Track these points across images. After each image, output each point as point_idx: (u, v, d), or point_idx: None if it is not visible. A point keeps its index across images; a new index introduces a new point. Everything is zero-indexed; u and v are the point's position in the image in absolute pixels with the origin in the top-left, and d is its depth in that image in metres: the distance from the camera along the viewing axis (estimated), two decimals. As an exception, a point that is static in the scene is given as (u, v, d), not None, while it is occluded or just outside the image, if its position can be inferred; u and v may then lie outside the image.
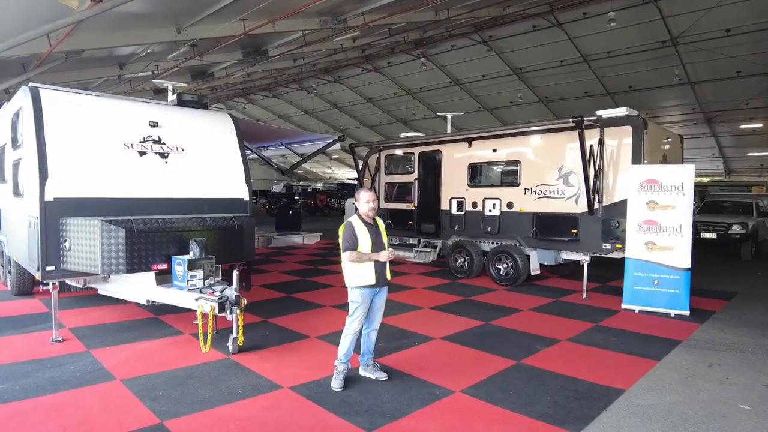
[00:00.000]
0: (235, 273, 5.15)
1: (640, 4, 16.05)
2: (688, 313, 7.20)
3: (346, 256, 4.47)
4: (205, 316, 4.86)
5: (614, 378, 4.79)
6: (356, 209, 4.64)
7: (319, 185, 48.26)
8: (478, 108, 26.53)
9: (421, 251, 11.34)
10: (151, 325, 6.45)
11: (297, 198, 38.57)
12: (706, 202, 16.09)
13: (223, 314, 4.78)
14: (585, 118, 7.89)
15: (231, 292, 5.04)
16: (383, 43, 20.84)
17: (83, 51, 12.12)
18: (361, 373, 4.66)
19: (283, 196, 39.67)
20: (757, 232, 13.81)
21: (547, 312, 7.50)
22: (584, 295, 8.42)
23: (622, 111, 8.22)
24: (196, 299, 4.90)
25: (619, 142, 8.14)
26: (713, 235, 13.55)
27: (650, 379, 4.78)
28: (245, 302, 5.12)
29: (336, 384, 4.45)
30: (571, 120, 7.79)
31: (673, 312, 7.27)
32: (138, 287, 5.72)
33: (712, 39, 16.96)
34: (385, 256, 4.47)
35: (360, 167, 12.35)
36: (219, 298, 4.79)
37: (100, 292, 6.33)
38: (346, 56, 23.05)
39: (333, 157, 49.54)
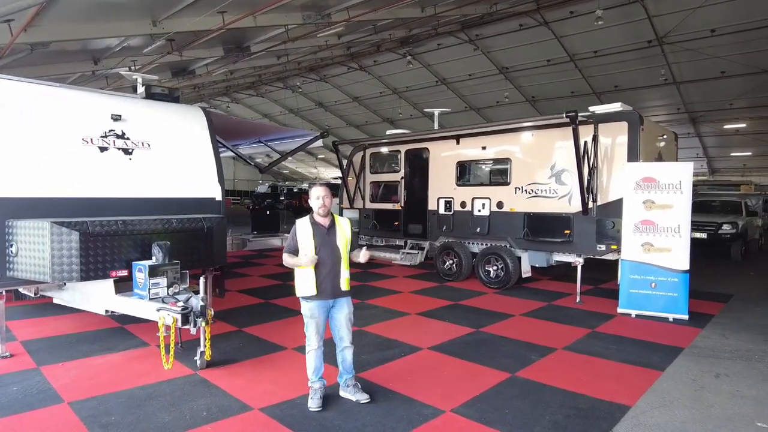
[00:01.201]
0: (201, 280, 4.65)
1: (626, 3, 15.87)
2: (686, 317, 6.87)
3: (284, 258, 4.07)
4: (167, 328, 4.36)
5: (617, 392, 4.39)
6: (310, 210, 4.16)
7: (305, 185, 47.77)
8: (464, 108, 26.26)
9: (407, 253, 10.91)
10: (113, 336, 5.92)
11: (282, 198, 37.99)
12: (695, 201, 15.89)
13: (187, 326, 4.27)
14: (579, 114, 7.52)
15: (197, 301, 4.55)
16: (369, 40, 20.43)
17: (50, 43, 11.47)
18: (341, 394, 4.19)
19: (267, 197, 39.09)
20: (746, 232, 13.65)
21: (540, 317, 7.12)
22: (578, 299, 8.06)
23: (616, 106, 7.89)
24: (158, 309, 4.40)
25: (614, 138, 7.80)
26: (703, 235, 13.33)
27: (656, 392, 4.39)
28: (212, 313, 4.63)
29: (313, 404, 3.98)
30: (564, 115, 7.42)
31: (671, 316, 6.93)
32: (95, 296, 5.19)
33: (698, 39, 16.87)
34: (305, 260, 3.90)
35: (344, 166, 11.88)
36: (182, 309, 4.30)
37: (55, 301, 5.77)
38: (332, 54, 22.59)
39: (319, 156, 49.00)
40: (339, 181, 12.30)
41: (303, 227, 4.03)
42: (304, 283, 3.99)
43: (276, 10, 13.95)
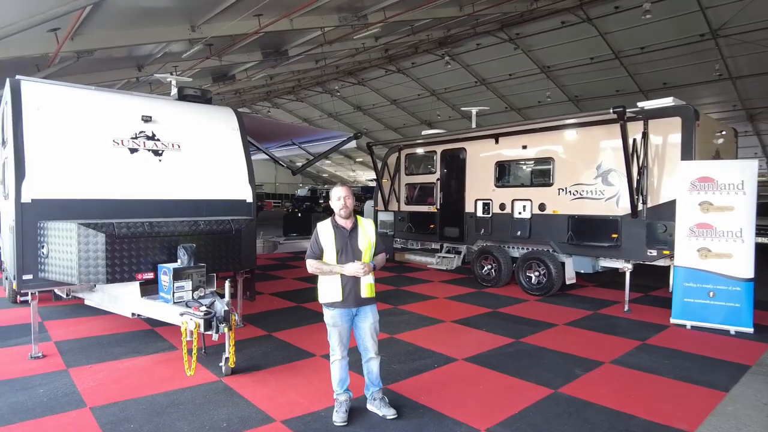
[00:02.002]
0: (227, 284, 4.51)
1: (676, -5, 15.01)
2: (751, 330, 6.25)
3: (308, 265, 3.83)
4: (190, 333, 4.22)
5: (675, 415, 3.94)
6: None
7: (342, 189, 47.91)
8: (505, 108, 25.66)
9: (443, 257, 10.56)
10: (144, 339, 5.88)
11: (321, 201, 38.39)
12: (759, 203, 14.81)
13: (209, 332, 4.12)
14: (628, 110, 7.02)
15: (221, 306, 4.40)
16: (406, 42, 20.20)
17: (95, 50, 11.78)
18: (368, 407, 3.93)
19: (306, 200, 39.66)
20: (815, 237, 12.58)
21: (586, 327, 6.65)
22: (626, 307, 7.52)
23: (668, 101, 7.33)
24: (181, 314, 4.27)
25: (666, 135, 7.24)
26: (766, 240, 12.35)
27: (721, 418, 3.92)
28: (237, 318, 4.47)
29: (338, 418, 3.74)
30: (612, 111, 6.94)
31: (732, 329, 6.33)
32: (122, 299, 5.14)
33: (755, 31, 15.77)
34: (351, 269, 3.67)
35: (379, 168, 11.66)
36: (205, 314, 4.15)
37: (86, 302, 5.78)
38: (369, 57, 22.52)
39: (357, 160, 49.17)
40: (373, 183, 12.08)
41: (324, 230, 3.80)
42: (330, 289, 3.76)
43: (312, 12, 13.91)
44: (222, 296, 4.53)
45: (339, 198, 3.78)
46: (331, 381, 3.90)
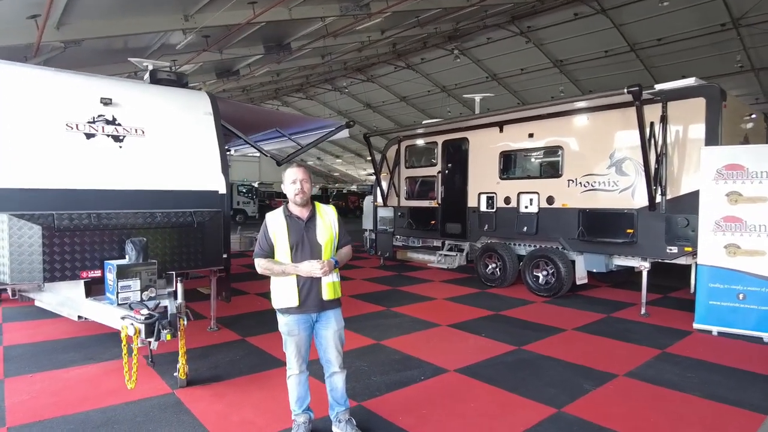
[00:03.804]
0: (178, 283, 3.92)
1: (696, -17, 14.17)
2: (788, 337, 5.51)
3: (256, 265, 3.17)
4: (129, 339, 3.63)
5: (703, 443, 3.26)
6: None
7: (353, 187, 47.84)
8: (517, 104, 24.85)
9: (445, 255, 9.90)
10: (105, 343, 5.31)
11: (330, 201, 38.07)
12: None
13: (150, 339, 3.52)
14: (645, 91, 6.31)
15: (171, 307, 3.81)
16: (414, 36, 19.59)
17: (82, 40, 11.33)
18: (334, 430, 3.30)
19: (316, 198, 39.34)
20: None
21: (597, 332, 5.94)
22: (643, 310, 6.80)
23: (690, 81, 6.59)
24: (122, 318, 3.68)
25: (688, 118, 6.50)
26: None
27: (761, 447, 3.22)
28: (185, 323, 3.86)
29: (294, 444, 3.12)
30: (626, 91, 6.23)
31: (766, 336, 5.58)
32: (69, 300, 4.57)
33: (781, 19, 14.83)
34: (306, 269, 3.04)
35: (378, 161, 11.04)
36: (146, 318, 3.55)
37: (36, 304, 5.23)
38: (377, 52, 21.95)
39: (368, 158, 48.68)
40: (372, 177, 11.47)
41: (275, 221, 3.17)
42: (283, 291, 3.13)
43: (311, 2, 13.37)
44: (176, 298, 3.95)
45: (294, 181, 3.14)
46: (289, 399, 3.29)
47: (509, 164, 8.79)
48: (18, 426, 3.43)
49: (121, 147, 5.25)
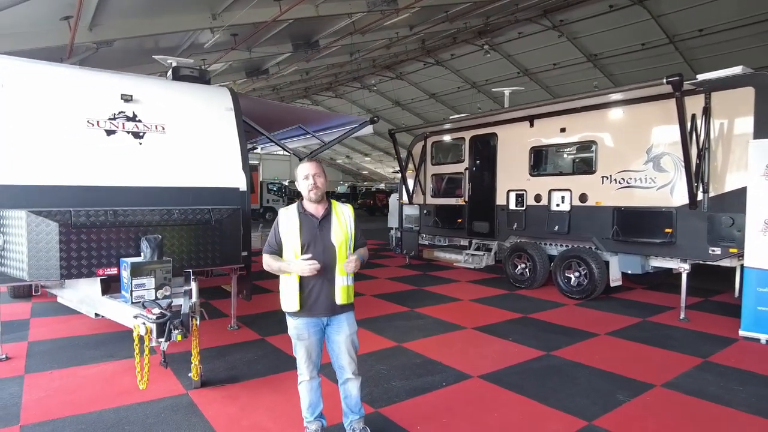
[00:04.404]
0: (193, 282, 3.83)
1: (741, -33, 13.40)
2: None
3: (263, 262, 3.03)
4: (142, 339, 3.55)
5: (752, 465, 2.95)
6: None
7: (382, 185, 47.90)
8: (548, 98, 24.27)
9: (472, 254, 9.63)
10: (126, 340, 5.22)
11: (358, 199, 38.15)
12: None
13: (161, 340, 3.43)
14: (686, 82, 5.91)
15: (185, 306, 3.72)
16: (443, 32, 19.27)
17: (114, 41, 11.52)
18: (346, 439, 3.14)
19: (343, 196, 39.77)
20: None
21: (632, 338, 5.60)
22: (682, 315, 6.40)
23: (737, 70, 6.15)
24: (134, 316, 3.61)
25: (735, 110, 6.06)
26: None
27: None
28: (198, 323, 3.77)
29: (304, 453, 2.98)
30: (665, 81, 5.84)
31: (821, 345, 5.15)
32: (87, 297, 4.55)
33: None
34: (300, 267, 2.84)
35: (404, 158, 10.83)
36: (158, 317, 3.47)
37: (58, 300, 5.26)
38: (406, 48, 21.75)
39: (395, 157, 48.51)
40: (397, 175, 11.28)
41: (288, 218, 3.01)
42: (287, 294, 2.98)
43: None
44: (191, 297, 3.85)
45: (306, 176, 2.98)
46: (300, 406, 3.14)
47: (540, 160, 8.45)
48: (31, 425, 3.39)
49: (141, 143, 5.23)
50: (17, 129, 4.60)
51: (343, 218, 3.04)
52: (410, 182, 10.74)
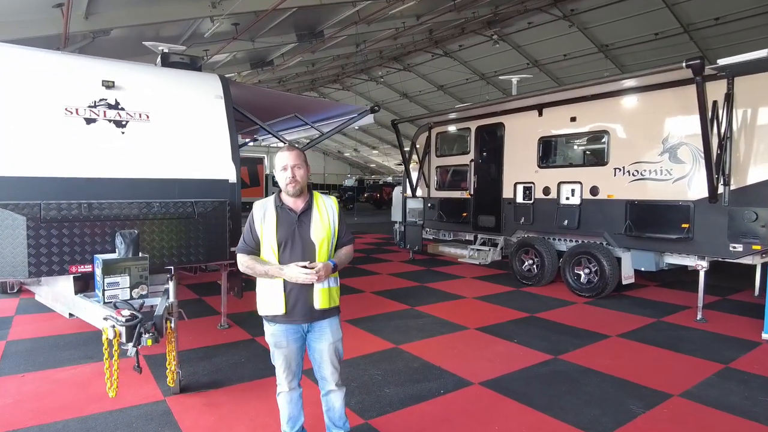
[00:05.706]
0: (170, 281, 3.54)
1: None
2: None
3: (238, 262, 2.69)
4: (110, 343, 3.27)
5: (786, 492, 2.60)
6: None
7: (389, 178, 47.63)
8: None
9: (477, 250, 9.29)
10: (109, 341, 5.05)
11: (365, 193, 37.92)
12: None
13: (129, 344, 3.14)
14: (707, 66, 5.51)
15: (160, 307, 3.44)
16: (451, 22, 18.82)
17: (110, 29, 11.24)
18: (331, 455, 2.83)
19: (350, 189, 39.51)
20: None
21: (646, 340, 5.24)
22: (699, 315, 6.03)
23: (763, 53, 5.71)
24: (105, 318, 3.33)
25: (761, 96, 5.65)
26: None
27: None
28: (173, 325, 3.48)
29: (282, 472, 2.67)
30: (684, 65, 5.44)
31: None
32: (61, 295, 4.28)
33: None
34: (293, 273, 2.51)
35: (407, 149, 10.48)
36: (127, 319, 3.18)
37: (36, 298, 4.99)
38: (413, 39, 21.30)
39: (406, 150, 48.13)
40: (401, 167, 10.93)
41: (264, 212, 2.68)
42: (267, 296, 2.66)
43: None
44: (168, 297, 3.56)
45: (284, 167, 2.63)
46: (280, 419, 2.84)
47: (549, 151, 8.06)
48: (-11, 436, 3.13)
49: (123, 133, 4.92)
50: (-12, 117, 4.32)
51: (326, 213, 2.71)
52: (414, 175, 10.40)
